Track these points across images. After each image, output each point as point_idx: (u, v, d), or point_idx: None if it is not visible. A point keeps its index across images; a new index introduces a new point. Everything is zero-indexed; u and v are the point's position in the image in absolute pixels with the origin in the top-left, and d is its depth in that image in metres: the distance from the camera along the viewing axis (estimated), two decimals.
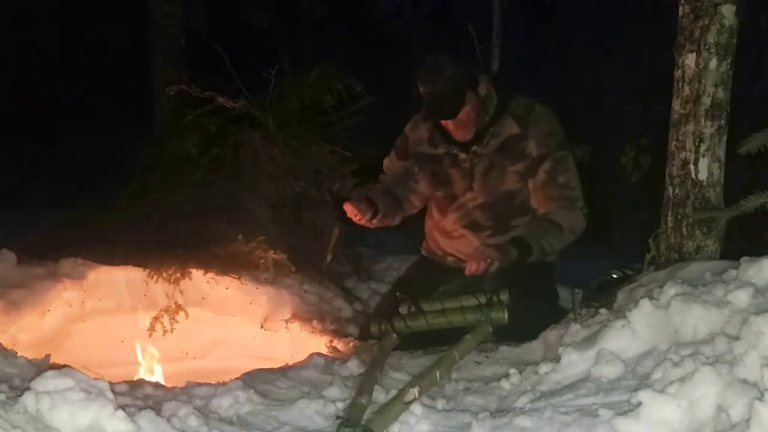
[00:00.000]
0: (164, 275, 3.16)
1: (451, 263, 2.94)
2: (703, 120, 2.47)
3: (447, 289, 2.85)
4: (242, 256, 3.40)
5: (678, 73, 2.52)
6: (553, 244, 2.70)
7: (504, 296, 2.49)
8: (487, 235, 2.80)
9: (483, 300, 2.50)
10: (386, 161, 3.07)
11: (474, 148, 2.77)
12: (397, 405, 1.80)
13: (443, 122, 2.76)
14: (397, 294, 2.72)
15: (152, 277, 3.16)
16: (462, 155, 2.81)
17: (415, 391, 1.84)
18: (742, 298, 1.79)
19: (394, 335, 2.52)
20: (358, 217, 2.75)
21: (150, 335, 3.04)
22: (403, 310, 2.59)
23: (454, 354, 2.19)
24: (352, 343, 2.90)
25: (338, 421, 1.74)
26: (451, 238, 2.91)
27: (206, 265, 3.25)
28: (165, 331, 3.07)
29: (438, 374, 2.05)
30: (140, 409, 1.69)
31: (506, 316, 2.41)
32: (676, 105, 2.54)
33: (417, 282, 2.98)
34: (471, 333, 2.33)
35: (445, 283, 2.91)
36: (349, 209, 2.74)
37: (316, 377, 2.23)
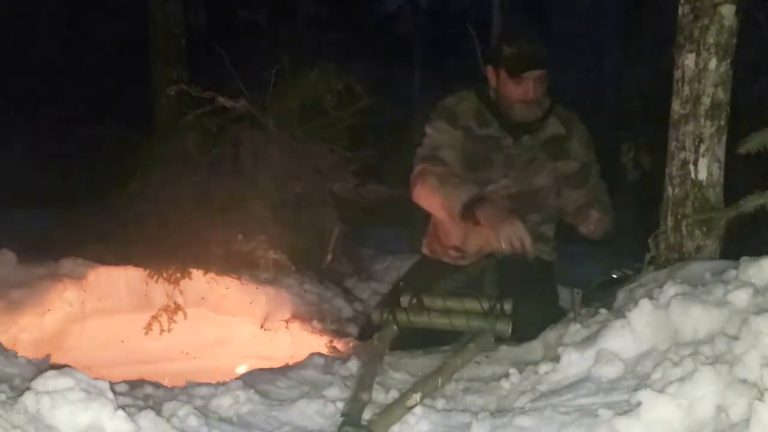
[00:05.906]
0: (164, 275, 3.16)
1: (452, 258, 2.91)
2: (702, 120, 2.47)
3: (447, 284, 2.81)
4: (242, 256, 3.40)
5: (677, 74, 2.52)
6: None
7: (508, 306, 2.48)
8: None
9: (486, 306, 2.49)
10: (433, 138, 2.79)
11: (525, 137, 2.81)
12: (399, 409, 1.81)
13: (523, 88, 2.70)
14: (400, 283, 2.72)
15: (152, 277, 3.16)
16: (509, 141, 2.80)
17: (417, 397, 1.85)
18: (742, 298, 1.78)
19: (395, 327, 2.50)
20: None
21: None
22: (404, 300, 2.59)
23: (456, 362, 2.19)
24: (352, 343, 2.91)
25: (341, 419, 1.74)
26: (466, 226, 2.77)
27: (206, 265, 3.25)
28: (163, 331, 3.07)
29: (440, 381, 2.06)
30: (140, 409, 1.69)
31: (510, 330, 2.41)
32: (676, 105, 2.53)
33: (418, 279, 2.96)
34: (474, 341, 2.33)
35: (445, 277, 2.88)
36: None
37: (316, 377, 2.22)
